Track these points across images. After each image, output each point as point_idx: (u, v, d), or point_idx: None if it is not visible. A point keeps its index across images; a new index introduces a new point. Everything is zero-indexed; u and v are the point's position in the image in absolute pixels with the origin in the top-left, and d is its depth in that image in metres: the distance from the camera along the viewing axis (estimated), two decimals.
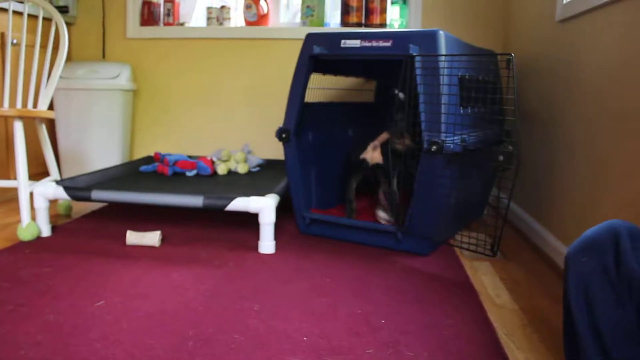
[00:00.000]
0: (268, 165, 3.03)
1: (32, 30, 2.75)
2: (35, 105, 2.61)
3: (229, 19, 3.24)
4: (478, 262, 2.01)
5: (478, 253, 1.90)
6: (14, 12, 2.59)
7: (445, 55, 1.87)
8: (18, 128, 2.08)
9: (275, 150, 3.25)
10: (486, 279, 1.83)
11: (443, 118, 1.87)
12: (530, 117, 2.46)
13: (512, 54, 1.71)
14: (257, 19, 3.18)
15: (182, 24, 3.30)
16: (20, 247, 1.98)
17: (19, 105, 2.19)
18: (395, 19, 3.16)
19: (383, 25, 3.11)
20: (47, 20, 2.81)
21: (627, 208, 1.52)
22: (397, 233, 2.03)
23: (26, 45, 2.65)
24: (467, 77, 2.02)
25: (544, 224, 2.18)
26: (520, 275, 1.88)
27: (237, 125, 3.30)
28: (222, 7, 3.23)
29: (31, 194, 2.11)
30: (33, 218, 2.12)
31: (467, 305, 1.58)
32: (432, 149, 1.83)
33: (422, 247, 2.03)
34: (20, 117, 2.08)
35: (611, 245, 0.89)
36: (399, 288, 1.70)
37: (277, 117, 3.21)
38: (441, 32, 1.90)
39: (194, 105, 3.31)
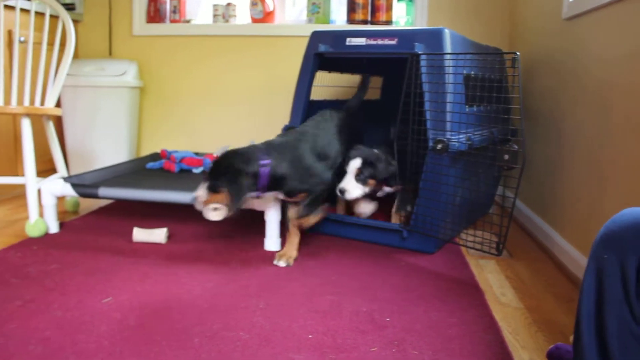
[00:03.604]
0: None
1: (39, 28, 2.76)
2: (42, 102, 2.62)
3: (235, 16, 3.25)
4: (484, 260, 2.01)
5: (484, 252, 1.91)
6: (21, 9, 2.60)
7: (450, 53, 1.87)
8: (26, 125, 2.09)
9: None
10: (492, 278, 1.83)
11: (448, 117, 1.87)
12: (536, 115, 2.46)
13: (518, 53, 1.70)
14: (263, 16, 3.19)
15: (188, 21, 3.30)
16: (28, 244, 1.99)
17: (26, 102, 2.21)
18: (401, 17, 3.15)
19: (389, 22, 3.10)
20: (54, 17, 2.82)
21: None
22: (403, 231, 2.03)
23: (33, 43, 2.66)
24: (472, 75, 2.01)
25: (550, 222, 2.18)
26: (526, 273, 1.88)
27: (243, 122, 3.30)
28: (228, 4, 3.23)
29: (39, 191, 2.13)
30: (41, 215, 2.14)
31: (472, 303, 1.59)
32: (438, 148, 1.83)
33: (428, 245, 2.03)
34: (28, 115, 2.09)
35: (635, 243, 0.80)
36: (404, 286, 1.70)
37: (283, 114, 3.21)
38: (446, 30, 1.89)
39: (200, 102, 3.32)
